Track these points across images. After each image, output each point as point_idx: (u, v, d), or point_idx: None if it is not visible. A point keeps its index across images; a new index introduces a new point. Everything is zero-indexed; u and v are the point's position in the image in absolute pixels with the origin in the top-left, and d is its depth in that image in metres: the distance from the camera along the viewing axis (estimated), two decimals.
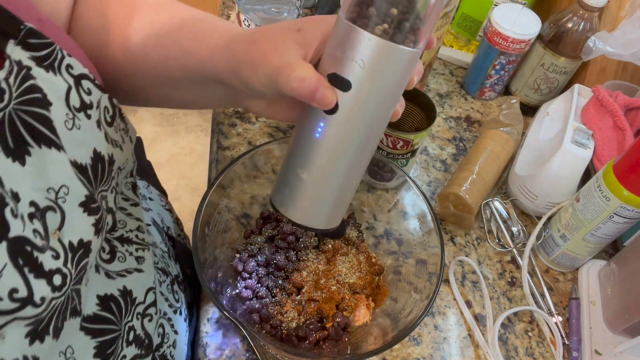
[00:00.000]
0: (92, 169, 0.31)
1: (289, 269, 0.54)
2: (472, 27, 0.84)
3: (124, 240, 0.41)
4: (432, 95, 0.82)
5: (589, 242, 0.58)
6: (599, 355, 0.56)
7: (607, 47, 0.64)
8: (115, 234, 0.40)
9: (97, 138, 0.32)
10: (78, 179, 0.30)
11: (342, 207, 0.40)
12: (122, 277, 0.39)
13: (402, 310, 0.50)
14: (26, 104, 0.27)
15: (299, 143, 0.36)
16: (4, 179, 0.25)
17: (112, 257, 0.39)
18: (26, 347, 0.27)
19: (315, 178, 0.36)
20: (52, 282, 0.27)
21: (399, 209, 0.58)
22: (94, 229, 0.31)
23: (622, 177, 0.51)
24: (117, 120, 0.35)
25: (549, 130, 0.70)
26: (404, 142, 0.60)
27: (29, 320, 0.26)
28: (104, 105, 0.33)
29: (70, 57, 0.30)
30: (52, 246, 0.28)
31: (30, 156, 0.26)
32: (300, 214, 0.38)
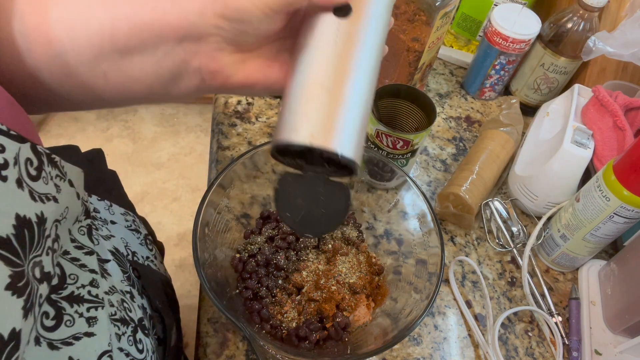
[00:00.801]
0: (17, 238, 0.27)
1: (289, 269, 0.54)
2: (472, 27, 0.84)
3: (73, 300, 0.35)
4: (432, 95, 0.82)
5: (589, 242, 0.58)
6: (599, 355, 0.56)
7: (607, 47, 0.64)
8: (64, 293, 0.35)
9: (19, 201, 0.27)
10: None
11: (364, 133, 0.36)
12: (68, 346, 0.33)
13: (402, 310, 0.50)
14: None
15: (312, 61, 0.33)
16: None
17: (57, 323, 0.33)
18: None
19: (340, 91, 0.33)
20: None
21: (399, 209, 0.58)
22: (22, 312, 0.27)
23: (622, 177, 0.51)
24: (45, 170, 0.30)
25: (549, 130, 0.70)
26: (404, 142, 0.60)
27: None
28: (25, 158, 0.28)
29: None
30: None
31: None
32: (331, 136, 0.32)
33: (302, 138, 0.32)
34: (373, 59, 0.36)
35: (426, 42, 0.66)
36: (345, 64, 0.33)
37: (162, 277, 0.55)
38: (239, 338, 0.54)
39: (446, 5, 0.63)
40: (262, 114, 0.73)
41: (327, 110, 0.32)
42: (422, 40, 0.66)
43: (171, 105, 1.99)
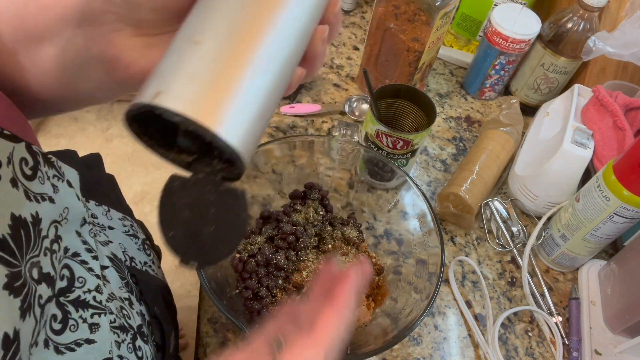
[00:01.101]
0: (14, 238, 0.26)
1: (289, 269, 0.54)
2: (472, 27, 0.84)
3: (79, 304, 0.35)
4: (432, 95, 0.82)
5: (589, 242, 0.58)
6: (599, 355, 0.56)
7: (607, 47, 0.64)
8: (71, 296, 0.35)
9: (14, 200, 0.27)
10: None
11: (262, 119, 0.25)
12: (71, 352, 0.33)
13: (402, 310, 0.50)
14: None
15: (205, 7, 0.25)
16: None
17: (63, 327, 0.33)
18: None
19: (234, 44, 0.23)
20: None
21: (399, 209, 0.58)
22: (19, 313, 0.26)
23: (622, 177, 0.51)
24: (41, 170, 0.30)
25: (549, 130, 0.70)
26: (404, 142, 0.60)
27: None
28: (20, 157, 0.28)
29: None
30: None
31: None
32: (201, 100, 0.22)
33: (147, 96, 0.22)
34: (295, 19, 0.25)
35: (426, 42, 0.66)
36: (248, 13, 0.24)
37: (160, 283, 0.54)
38: (239, 338, 0.54)
39: (446, 5, 0.63)
40: None
41: (210, 65, 0.23)
42: (422, 40, 0.66)
43: None
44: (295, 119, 0.74)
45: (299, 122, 0.74)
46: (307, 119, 0.74)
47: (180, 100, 0.22)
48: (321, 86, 0.79)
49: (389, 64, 0.72)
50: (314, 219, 0.57)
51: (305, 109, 0.74)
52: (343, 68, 0.82)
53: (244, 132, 0.23)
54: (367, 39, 0.74)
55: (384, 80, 0.74)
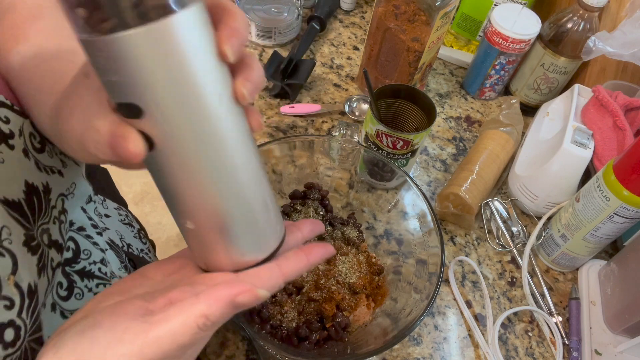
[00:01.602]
0: (27, 203, 0.28)
1: None
2: (472, 27, 0.84)
3: (85, 275, 0.37)
4: (432, 95, 0.82)
5: (589, 242, 0.58)
6: (599, 355, 0.56)
7: (607, 47, 0.64)
8: (77, 267, 0.36)
9: (27, 168, 0.29)
10: (12, 218, 0.27)
11: (268, 224, 0.30)
12: None
13: (402, 310, 0.50)
14: None
15: (166, 196, 0.27)
16: None
17: (69, 294, 0.35)
18: None
19: (218, 212, 0.27)
20: (3, 339, 0.25)
21: (399, 209, 0.58)
22: (37, 270, 0.28)
23: (622, 177, 0.51)
24: (49, 146, 0.31)
25: (549, 130, 0.70)
26: (404, 142, 0.60)
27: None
28: (29, 132, 0.30)
29: None
30: (6, 294, 0.25)
31: None
32: (249, 251, 0.29)
33: (240, 263, 0.29)
34: (220, 157, 0.26)
35: (426, 42, 0.66)
36: (205, 187, 0.26)
37: None
38: (239, 338, 0.54)
39: (446, 5, 0.63)
40: (262, 114, 0.73)
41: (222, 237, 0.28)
42: (422, 40, 0.66)
43: None
44: (295, 119, 0.74)
45: (299, 122, 0.74)
46: (307, 119, 0.74)
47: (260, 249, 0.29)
48: (321, 86, 0.79)
49: (389, 64, 0.72)
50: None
51: (305, 109, 0.74)
52: (343, 68, 0.82)
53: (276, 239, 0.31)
54: (367, 39, 0.74)
55: (384, 80, 0.74)
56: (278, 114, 0.74)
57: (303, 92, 0.77)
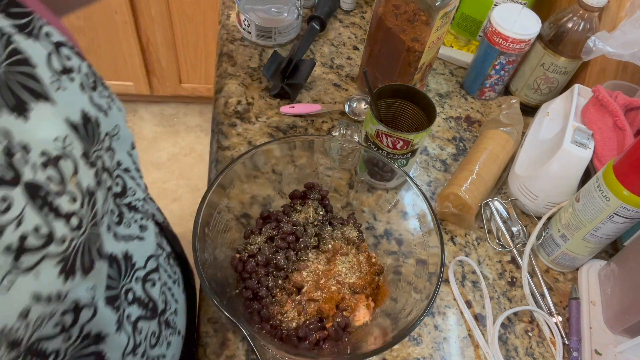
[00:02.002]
0: (84, 128, 0.33)
1: (289, 269, 0.54)
2: (472, 27, 0.84)
3: (131, 208, 0.43)
4: (432, 95, 0.82)
5: (589, 242, 0.58)
6: (599, 355, 0.56)
7: (607, 47, 0.64)
8: (125, 200, 0.42)
9: (83, 100, 0.33)
10: (75, 132, 0.32)
11: None
12: (125, 242, 0.41)
13: (402, 310, 0.50)
14: (15, 65, 0.29)
15: None
16: (14, 134, 0.28)
17: (119, 221, 0.41)
18: (61, 284, 0.30)
19: None
20: (70, 223, 0.30)
21: (399, 209, 0.58)
22: (95, 180, 0.33)
23: (622, 177, 0.51)
24: (99, 87, 0.36)
25: (549, 130, 0.70)
26: (404, 142, 0.60)
27: (58, 257, 0.30)
28: (85, 72, 0.34)
29: (48, 26, 0.32)
30: (70, 190, 0.30)
31: (31, 111, 0.29)
32: None
33: None
34: None
35: (426, 42, 0.66)
36: None
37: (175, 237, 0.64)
38: (239, 338, 0.54)
39: (446, 5, 0.63)
40: (262, 114, 0.73)
41: None
42: (422, 40, 0.66)
43: (171, 105, 1.99)
44: (295, 119, 0.74)
45: (299, 122, 0.74)
46: (307, 119, 0.74)
47: None
48: (321, 86, 0.79)
49: (389, 64, 0.72)
50: (314, 219, 0.57)
51: (305, 109, 0.74)
52: (343, 68, 0.82)
53: None
54: (367, 39, 0.74)
55: (384, 80, 0.74)
56: (278, 114, 0.74)
57: (303, 92, 0.78)
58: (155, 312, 0.46)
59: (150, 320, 0.46)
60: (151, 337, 0.47)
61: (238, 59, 0.80)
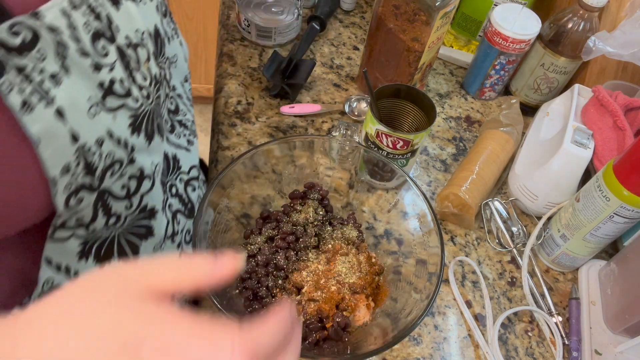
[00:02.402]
0: (155, 37, 0.40)
1: (289, 269, 0.54)
2: (472, 27, 0.84)
3: (182, 125, 0.51)
4: (432, 95, 0.82)
5: (589, 242, 0.58)
6: (599, 355, 0.56)
7: (607, 47, 0.64)
8: (177, 117, 0.50)
9: (156, 18, 0.40)
10: (149, 36, 0.39)
11: None
12: (175, 148, 0.49)
13: (402, 310, 0.50)
14: None
15: None
16: (112, 17, 0.35)
17: (172, 130, 0.48)
18: (128, 135, 0.37)
19: None
20: (142, 92, 0.38)
21: (399, 209, 0.58)
22: (161, 73, 0.41)
23: (622, 177, 0.51)
24: (168, 17, 0.43)
25: (549, 130, 0.70)
26: (404, 142, 0.60)
27: (131, 112, 0.37)
28: (159, 0, 0.41)
29: None
30: (142, 71, 0.38)
31: (122, 5, 0.36)
32: None
33: None
34: None
35: (426, 42, 0.66)
36: None
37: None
38: None
39: (446, 5, 0.63)
40: (262, 114, 0.73)
41: None
42: (422, 40, 0.66)
43: None
44: (295, 119, 0.74)
45: (299, 122, 0.74)
46: (307, 119, 0.74)
47: None
48: (321, 86, 0.79)
49: (389, 64, 0.72)
50: (314, 219, 0.57)
51: (305, 109, 0.74)
52: (343, 68, 0.82)
53: None
54: (367, 39, 0.74)
55: (384, 80, 0.74)
56: (278, 114, 0.74)
57: (303, 92, 0.77)
58: (191, 213, 0.53)
59: (187, 218, 0.54)
60: (186, 234, 0.55)
61: (238, 59, 0.80)
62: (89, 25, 0.33)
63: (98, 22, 0.34)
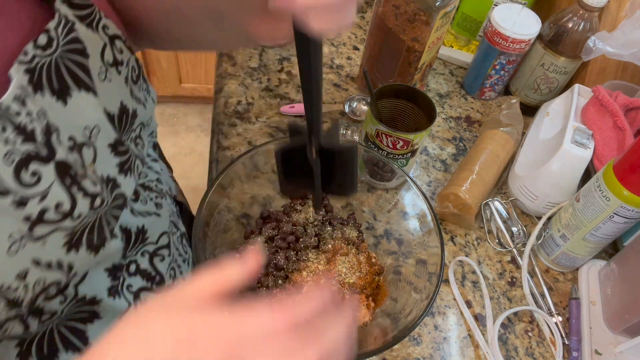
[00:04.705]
0: (119, 118, 0.36)
1: (289, 269, 0.54)
2: (472, 27, 0.84)
3: (145, 188, 0.47)
4: (432, 95, 0.82)
5: (589, 242, 0.58)
6: (599, 355, 0.56)
7: (607, 47, 0.64)
8: (139, 182, 0.46)
9: (124, 92, 0.37)
10: (109, 122, 0.35)
11: None
12: (142, 217, 0.44)
13: (402, 310, 0.50)
14: (70, 52, 0.31)
15: None
16: (49, 114, 0.29)
17: (136, 198, 0.44)
18: (63, 255, 0.32)
19: None
20: (94, 203, 0.33)
21: (399, 209, 0.58)
22: (118, 169, 0.36)
23: (622, 177, 0.51)
24: (140, 80, 0.40)
25: (549, 130, 0.70)
26: (404, 142, 0.60)
27: (67, 231, 0.32)
28: (132, 65, 0.38)
29: (106, 19, 0.34)
30: (89, 175, 0.33)
31: (71, 97, 0.31)
32: None
33: None
34: None
35: (426, 42, 0.66)
36: None
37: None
38: None
39: (446, 5, 0.63)
40: (262, 114, 0.73)
41: None
42: (422, 40, 0.66)
43: (171, 106, 1.99)
44: (295, 119, 0.74)
45: (299, 122, 0.74)
46: None
47: None
48: None
49: (389, 64, 0.72)
50: (314, 219, 0.57)
51: None
52: (343, 68, 0.82)
53: None
54: (367, 39, 0.74)
55: (384, 80, 0.74)
56: (278, 114, 0.74)
57: None
58: (160, 286, 0.48)
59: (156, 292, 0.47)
60: None
61: (238, 59, 0.80)
62: (13, 154, 0.27)
63: (29, 144, 0.28)
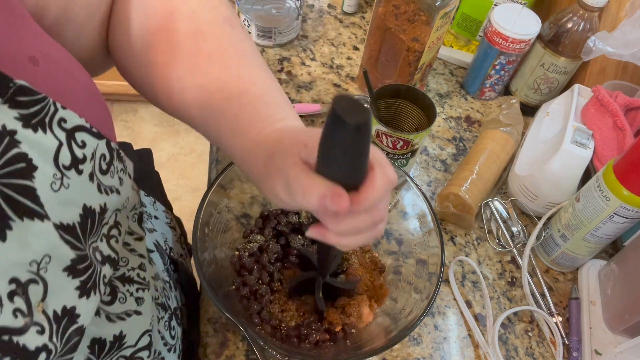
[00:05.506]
0: (81, 225, 0.30)
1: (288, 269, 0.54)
2: (472, 27, 0.84)
3: (125, 280, 0.40)
4: (432, 95, 0.82)
5: (589, 242, 0.58)
6: (599, 355, 0.56)
7: (607, 47, 0.64)
8: (117, 274, 0.39)
9: (88, 193, 0.31)
10: (64, 242, 0.29)
11: None
12: (121, 320, 0.38)
13: (402, 310, 0.50)
14: (8, 177, 0.25)
15: None
16: None
17: (113, 299, 0.38)
18: None
19: None
20: (49, 343, 0.27)
21: (399, 209, 0.58)
22: (78, 292, 0.30)
23: (622, 177, 0.51)
24: (114, 164, 0.34)
25: (549, 130, 0.70)
26: (404, 142, 0.60)
27: None
28: (100, 154, 0.32)
29: (64, 110, 0.29)
30: (36, 321, 0.27)
31: (11, 230, 0.25)
32: None
33: None
34: None
35: (426, 42, 0.66)
36: None
37: (190, 275, 0.61)
38: (239, 338, 0.54)
39: (446, 5, 0.63)
40: None
41: None
42: (422, 40, 0.66)
43: None
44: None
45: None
46: (307, 119, 0.74)
47: None
48: (321, 86, 0.79)
49: (389, 64, 0.72)
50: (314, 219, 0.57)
51: (305, 109, 0.74)
52: (343, 68, 0.82)
53: None
54: (367, 39, 0.74)
55: (384, 80, 0.74)
56: None
57: (303, 92, 0.78)
58: None
59: None
60: None
61: None
62: None
63: None
